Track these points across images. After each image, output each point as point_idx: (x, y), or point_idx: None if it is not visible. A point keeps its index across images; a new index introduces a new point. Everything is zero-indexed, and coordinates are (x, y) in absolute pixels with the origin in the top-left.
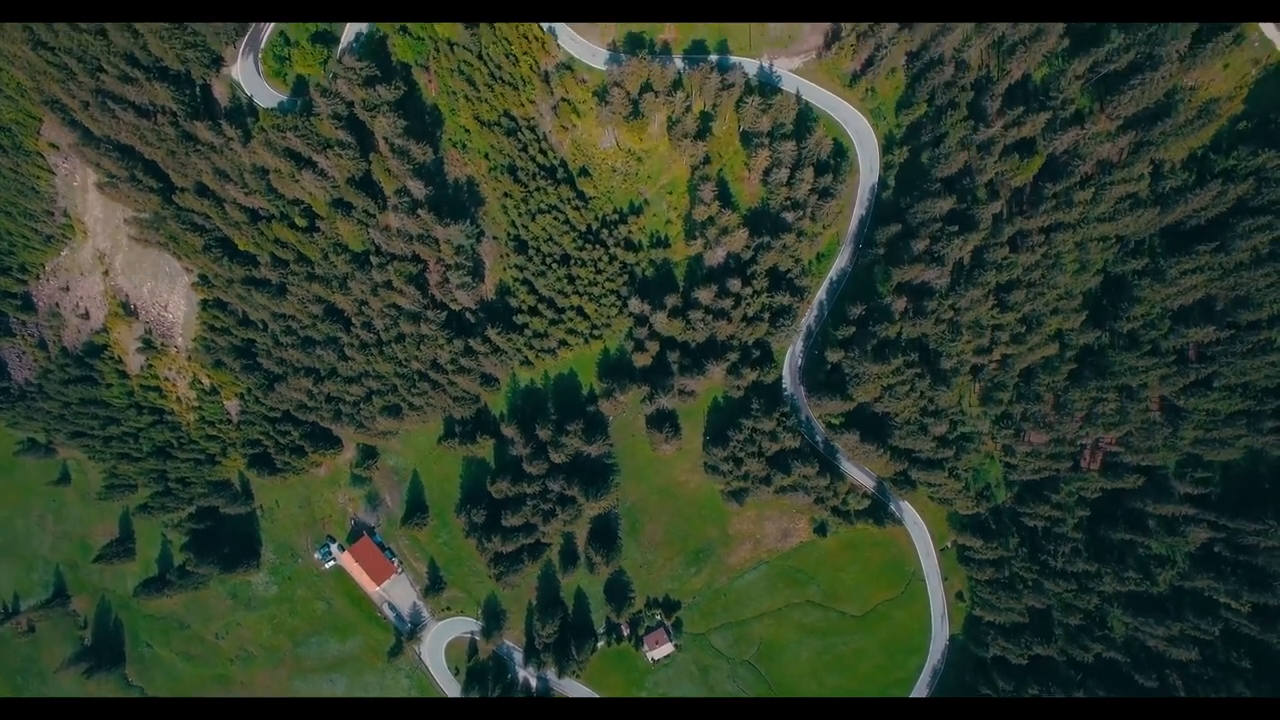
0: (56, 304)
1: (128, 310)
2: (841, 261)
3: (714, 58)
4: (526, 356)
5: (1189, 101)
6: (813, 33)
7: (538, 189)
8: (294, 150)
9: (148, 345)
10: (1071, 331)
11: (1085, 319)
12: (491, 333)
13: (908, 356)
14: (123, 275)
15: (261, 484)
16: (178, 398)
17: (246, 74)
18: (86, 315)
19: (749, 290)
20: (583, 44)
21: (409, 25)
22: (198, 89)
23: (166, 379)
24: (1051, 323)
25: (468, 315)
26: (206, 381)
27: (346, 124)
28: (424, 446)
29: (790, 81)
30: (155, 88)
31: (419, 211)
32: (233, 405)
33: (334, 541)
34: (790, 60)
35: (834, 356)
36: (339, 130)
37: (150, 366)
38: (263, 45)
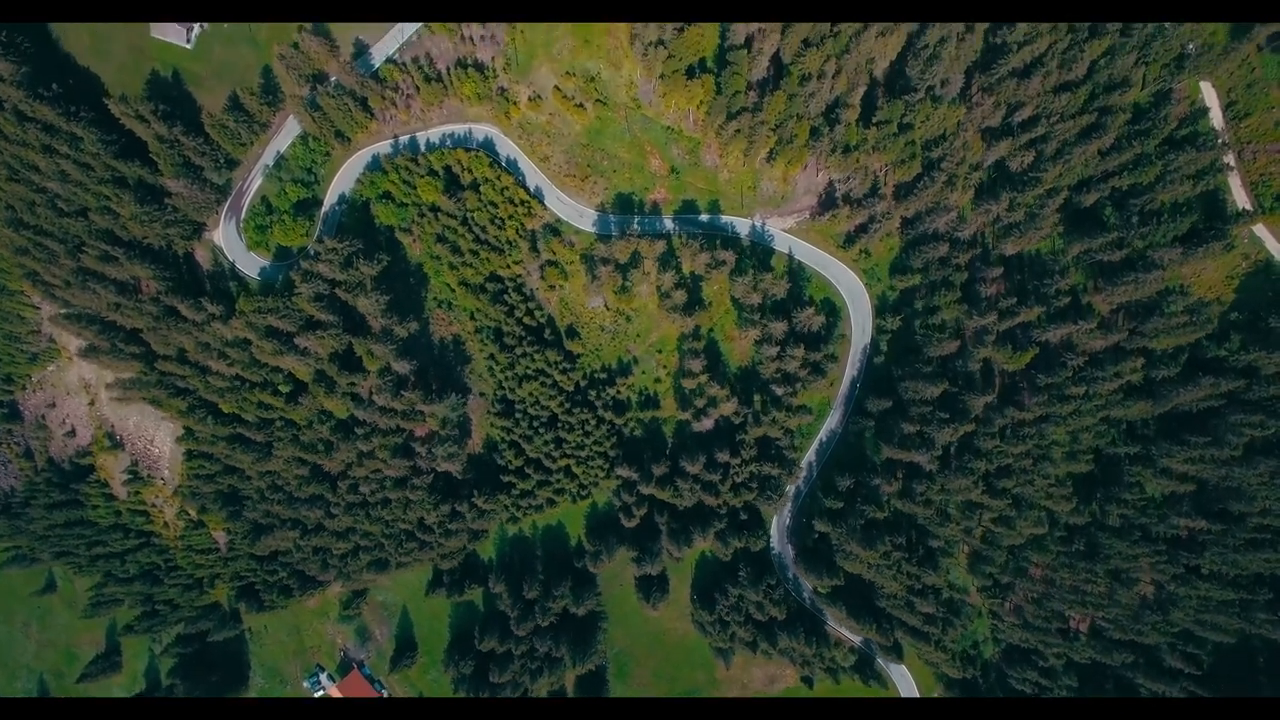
0: (42, 416)
1: (113, 441)
2: (832, 423)
3: (705, 217)
4: (514, 514)
5: (1181, 303)
6: (806, 194)
7: (524, 354)
8: (276, 329)
9: (134, 477)
10: (1062, 514)
11: (1075, 505)
12: (478, 499)
13: (895, 539)
14: (108, 407)
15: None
16: (165, 523)
17: (228, 239)
18: (73, 433)
19: (737, 460)
20: (570, 205)
21: (391, 191)
22: (180, 258)
23: (154, 506)
24: (1042, 503)
25: (455, 474)
26: (193, 514)
27: (328, 303)
28: (413, 585)
29: (783, 240)
30: (136, 266)
31: (403, 392)
32: (220, 535)
33: (323, 670)
34: (783, 220)
35: (822, 527)
36: (320, 311)
37: (137, 494)
38: (244, 213)
